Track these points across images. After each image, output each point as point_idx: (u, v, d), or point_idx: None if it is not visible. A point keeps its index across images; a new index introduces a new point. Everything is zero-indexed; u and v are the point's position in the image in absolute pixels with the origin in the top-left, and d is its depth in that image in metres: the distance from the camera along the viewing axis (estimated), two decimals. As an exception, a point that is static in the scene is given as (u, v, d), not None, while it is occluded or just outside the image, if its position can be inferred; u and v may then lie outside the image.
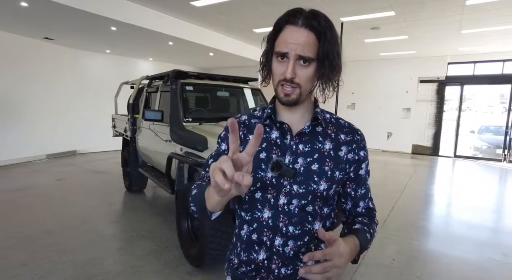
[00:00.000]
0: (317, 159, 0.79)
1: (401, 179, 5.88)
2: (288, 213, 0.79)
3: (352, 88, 9.78)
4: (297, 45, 0.71)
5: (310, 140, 0.81)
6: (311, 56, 0.72)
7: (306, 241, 0.81)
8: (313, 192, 0.79)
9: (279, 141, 0.81)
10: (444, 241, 3.28)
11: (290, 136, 0.81)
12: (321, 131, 0.82)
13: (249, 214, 0.83)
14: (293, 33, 0.72)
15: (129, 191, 4.74)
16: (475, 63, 8.47)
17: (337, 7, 4.91)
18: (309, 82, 0.75)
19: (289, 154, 0.79)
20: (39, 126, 7.03)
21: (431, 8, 4.82)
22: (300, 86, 0.74)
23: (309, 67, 0.73)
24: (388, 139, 9.65)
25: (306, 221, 0.80)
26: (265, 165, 0.79)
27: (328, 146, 0.81)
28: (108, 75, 8.26)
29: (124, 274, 2.48)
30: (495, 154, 9.14)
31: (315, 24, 0.72)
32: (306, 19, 0.72)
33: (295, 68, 0.73)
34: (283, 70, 0.74)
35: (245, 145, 0.83)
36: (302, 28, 0.72)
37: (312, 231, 0.81)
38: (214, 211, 0.69)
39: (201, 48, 7.14)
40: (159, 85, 3.69)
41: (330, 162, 0.80)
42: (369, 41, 7.14)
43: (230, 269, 0.89)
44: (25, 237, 3.10)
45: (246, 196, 0.83)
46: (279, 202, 0.79)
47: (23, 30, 6.06)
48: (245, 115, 0.90)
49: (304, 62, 0.73)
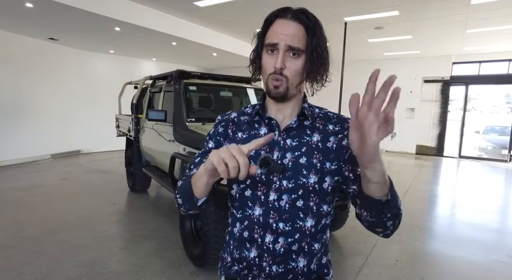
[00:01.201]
0: (305, 153, 0.79)
1: (405, 180, 5.84)
2: (278, 209, 0.79)
3: (356, 88, 9.70)
4: (287, 36, 0.73)
5: (297, 134, 0.81)
6: (301, 47, 0.74)
7: (297, 238, 0.79)
8: (303, 186, 0.78)
9: None
10: (449, 242, 3.25)
11: (278, 131, 0.81)
12: (309, 124, 0.82)
13: (240, 212, 0.83)
14: (283, 25, 0.75)
15: (132, 191, 4.76)
16: (480, 62, 8.39)
17: (340, 7, 4.90)
18: (297, 76, 0.76)
19: (277, 150, 0.80)
20: (44, 126, 7.09)
21: (436, 7, 4.78)
22: (287, 79, 0.75)
23: (298, 59, 0.75)
24: (392, 140, 9.57)
25: (297, 217, 0.79)
26: (254, 162, 0.79)
27: (316, 139, 0.81)
28: (112, 75, 8.30)
29: (127, 274, 2.49)
30: (500, 155, 9.05)
31: (304, 17, 0.75)
32: (296, 13, 0.75)
33: (284, 59, 0.74)
34: (273, 62, 0.75)
35: (233, 141, 0.84)
36: (291, 21, 0.75)
37: (304, 228, 0.79)
38: (200, 198, 0.76)
39: (204, 48, 7.16)
40: (163, 85, 3.70)
41: (318, 154, 0.79)
42: (372, 41, 7.11)
43: (224, 268, 0.89)
44: (30, 236, 3.13)
45: (236, 194, 0.84)
46: (270, 198, 0.79)
47: (28, 31, 6.11)
48: (235, 112, 0.91)
49: (294, 54, 0.74)
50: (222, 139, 0.87)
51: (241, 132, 0.85)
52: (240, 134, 0.85)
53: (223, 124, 0.88)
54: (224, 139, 0.87)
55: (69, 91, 7.64)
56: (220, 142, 0.87)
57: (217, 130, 0.89)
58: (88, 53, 8.02)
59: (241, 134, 0.85)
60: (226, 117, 0.90)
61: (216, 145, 0.87)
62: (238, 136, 0.85)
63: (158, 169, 4.00)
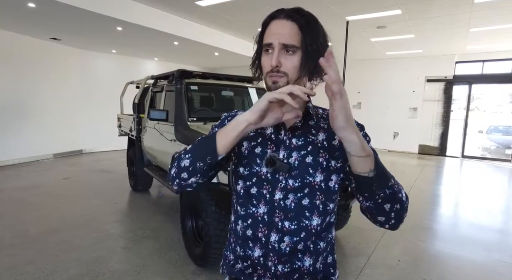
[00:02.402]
0: (311, 152, 0.80)
1: (407, 180, 5.81)
2: (284, 208, 0.79)
3: (358, 87, 9.71)
4: (280, 35, 0.75)
5: (302, 133, 0.81)
6: (295, 44, 0.75)
7: (303, 237, 0.79)
8: (309, 185, 0.78)
9: (273, 136, 0.82)
10: (451, 242, 3.23)
11: (284, 131, 0.81)
12: (313, 124, 0.83)
13: (244, 209, 0.83)
14: (277, 25, 0.77)
15: (134, 190, 4.77)
16: (484, 62, 8.34)
17: (343, 6, 4.88)
18: (295, 71, 0.76)
19: (283, 149, 0.80)
20: (46, 125, 7.12)
21: (439, 6, 4.75)
22: (287, 75, 0.75)
23: (294, 56, 0.75)
24: (395, 139, 9.55)
25: (303, 216, 0.79)
26: (260, 160, 0.80)
27: (321, 137, 0.81)
28: (114, 75, 8.33)
29: (128, 273, 2.49)
30: (504, 155, 9.01)
31: (296, 15, 0.76)
32: (288, 12, 0.77)
33: (279, 56, 0.75)
34: (270, 61, 0.76)
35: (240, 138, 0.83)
36: (284, 20, 0.76)
37: (310, 226, 0.79)
38: (221, 154, 0.74)
39: (206, 48, 7.15)
40: (164, 84, 3.70)
41: (324, 153, 0.80)
42: (375, 40, 7.08)
43: (226, 266, 0.89)
44: (32, 235, 3.14)
45: (241, 190, 0.84)
46: (275, 197, 0.79)
47: (30, 31, 6.14)
48: (241, 111, 0.90)
49: (288, 51, 0.75)
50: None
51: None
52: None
53: (229, 119, 0.89)
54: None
55: (71, 91, 7.67)
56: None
57: (223, 124, 0.88)
58: (90, 53, 8.04)
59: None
60: (232, 114, 0.91)
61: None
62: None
63: (159, 169, 4.00)
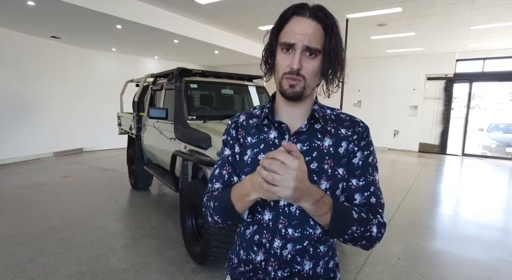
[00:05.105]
0: (316, 158, 0.77)
1: (407, 178, 5.81)
2: (288, 215, 0.77)
3: (358, 85, 9.69)
4: (305, 36, 0.70)
5: (308, 138, 0.78)
6: (319, 47, 0.71)
7: (305, 245, 0.78)
8: None
9: (277, 141, 0.80)
10: (451, 241, 3.23)
11: (288, 135, 0.79)
12: (320, 128, 0.80)
13: (250, 216, 0.82)
14: (300, 24, 0.71)
15: (134, 188, 4.77)
16: (485, 59, 8.31)
17: (342, 3, 4.85)
18: (314, 76, 0.74)
19: None
20: (46, 124, 7.12)
21: (439, 4, 4.73)
22: (305, 79, 0.72)
23: (315, 59, 0.72)
24: (395, 137, 9.54)
25: (307, 224, 0.77)
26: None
27: (327, 143, 0.78)
28: (114, 73, 8.32)
29: (128, 271, 2.50)
30: (504, 153, 8.99)
31: (322, 16, 0.72)
32: (314, 11, 0.72)
33: (301, 59, 0.71)
34: (289, 62, 0.72)
35: (244, 147, 0.83)
36: (309, 19, 0.71)
37: (313, 235, 0.78)
38: (242, 212, 0.76)
39: (206, 46, 7.14)
40: (164, 83, 3.69)
41: (329, 159, 0.77)
42: (375, 38, 7.05)
43: (230, 268, 0.89)
44: (33, 233, 3.15)
45: None
46: (280, 203, 0.78)
47: (30, 29, 6.12)
48: (243, 115, 0.89)
49: (311, 54, 0.72)
50: (233, 142, 0.86)
51: (250, 136, 0.84)
52: (250, 138, 0.84)
53: (233, 126, 0.87)
54: (234, 142, 0.86)
55: (71, 89, 7.66)
56: (234, 146, 0.86)
57: (229, 135, 0.87)
58: (90, 51, 8.03)
59: (250, 138, 0.84)
60: (235, 119, 0.88)
61: (232, 151, 0.86)
62: (247, 141, 0.84)
63: (159, 167, 4.00)
